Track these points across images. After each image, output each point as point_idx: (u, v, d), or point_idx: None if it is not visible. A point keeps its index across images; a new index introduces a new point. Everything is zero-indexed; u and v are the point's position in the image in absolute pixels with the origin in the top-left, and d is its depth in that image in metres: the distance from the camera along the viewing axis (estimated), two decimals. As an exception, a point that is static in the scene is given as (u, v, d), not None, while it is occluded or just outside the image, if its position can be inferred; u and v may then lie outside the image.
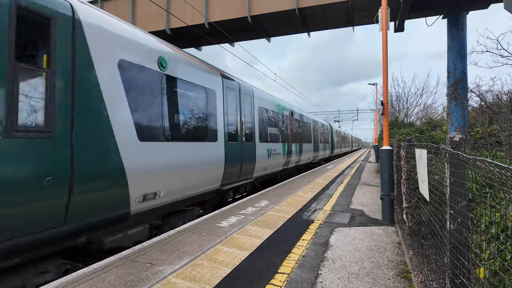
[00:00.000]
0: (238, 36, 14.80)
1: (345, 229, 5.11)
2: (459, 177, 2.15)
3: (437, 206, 2.82)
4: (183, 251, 3.86)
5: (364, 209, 6.60)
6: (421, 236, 4.26)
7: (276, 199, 7.51)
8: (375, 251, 4.10)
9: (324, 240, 4.47)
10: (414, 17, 12.34)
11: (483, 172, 1.83)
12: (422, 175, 3.41)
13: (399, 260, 3.81)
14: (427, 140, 6.59)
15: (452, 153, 2.19)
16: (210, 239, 4.36)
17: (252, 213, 6.03)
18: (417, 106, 31.56)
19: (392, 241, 4.55)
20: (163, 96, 5.22)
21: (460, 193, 2.15)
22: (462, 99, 10.99)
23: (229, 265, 3.44)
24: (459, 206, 2.17)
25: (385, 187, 5.62)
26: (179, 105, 5.71)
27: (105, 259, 3.55)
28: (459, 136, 2.24)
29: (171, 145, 5.30)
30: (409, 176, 4.85)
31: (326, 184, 10.54)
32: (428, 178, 3.12)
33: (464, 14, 11.23)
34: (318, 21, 13.56)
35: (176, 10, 13.23)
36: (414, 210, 4.68)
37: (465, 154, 2.03)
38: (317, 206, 6.83)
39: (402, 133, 6.85)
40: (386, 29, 5.87)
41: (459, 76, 11.04)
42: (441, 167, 2.76)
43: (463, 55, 11.13)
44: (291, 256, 3.79)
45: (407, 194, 4.96)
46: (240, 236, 4.50)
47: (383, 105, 5.88)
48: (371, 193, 8.81)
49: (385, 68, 5.83)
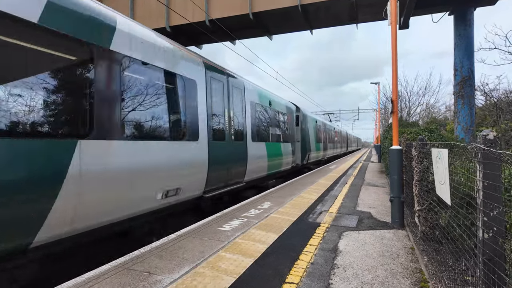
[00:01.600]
0: (239, 34, 14.54)
1: (353, 233, 4.85)
2: (495, 180, 1.90)
3: (462, 212, 2.56)
4: (183, 258, 3.61)
5: (371, 211, 6.35)
6: (435, 241, 4.01)
7: (280, 201, 7.26)
8: (388, 257, 3.85)
9: (332, 246, 4.22)
10: (420, 13, 12.08)
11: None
12: (441, 176, 3.15)
13: (414, 268, 3.56)
14: (437, 139, 6.33)
15: (486, 153, 1.93)
16: (212, 244, 4.11)
17: (255, 215, 5.78)
18: (420, 105, 31.25)
19: (404, 246, 4.30)
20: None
21: (496, 198, 1.90)
22: (469, 97, 10.72)
23: (232, 274, 3.19)
24: (494, 213, 1.92)
25: (394, 188, 5.36)
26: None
27: (99, 267, 3.30)
28: (494, 133, 1.99)
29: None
30: (422, 177, 4.60)
31: (330, 185, 10.28)
32: (449, 180, 2.87)
33: (472, 11, 10.96)
34: (321, 18, 13.30)
35: (177, 7, 12.97)
36: (428, 213, 4.43)
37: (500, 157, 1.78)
38: (323, 208, 6.57)
39: (411, 132, 6.59)
40: (396, 23, 5.61)
41: (466, 73, 10.76)
42: (467, 168, 2.50)
43: (470, 53, 10.85)
44: (299, 264, 3.54)
45: (419, 196, 4.70)
46: (244, 241, 4.25)
47: (392, 102, 5.62)
48: (376, 194, 8.56)
49: (394, 64, 5.57)
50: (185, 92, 5.73)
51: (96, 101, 3.85)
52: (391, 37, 5.64)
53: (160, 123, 5.08)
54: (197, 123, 6.00)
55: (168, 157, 5.08)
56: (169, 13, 13.25)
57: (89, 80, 3.81)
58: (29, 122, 3.18)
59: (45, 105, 3.36)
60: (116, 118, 4.13)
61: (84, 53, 3.78)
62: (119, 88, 4.25)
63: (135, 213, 4.45)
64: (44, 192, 3.16)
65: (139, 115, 4.66)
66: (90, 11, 3.87)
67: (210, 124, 6.53)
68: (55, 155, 3.29)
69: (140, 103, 4.69)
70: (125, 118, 4.34)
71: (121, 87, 4.29)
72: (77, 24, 3.66)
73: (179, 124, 5.54)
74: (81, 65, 3.78)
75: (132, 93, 4.54)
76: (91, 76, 3.84)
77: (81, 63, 3.78)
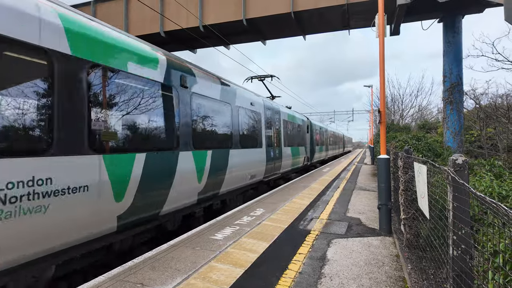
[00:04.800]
0: (233, 39, 14.68)
1: (342, 240, 5.01)
2: (462, 203, 2.06)
3: (438, 228, 2.72)
4: (175, 269, 3.73)
5: (361, 217, 6.52)
6: (419, 248, 4.18)
7: (272, 207, 7.40)
8: (373, 265, 4.01)
9: (321, 254, 4.37)
10: (409, 20, 12.34)
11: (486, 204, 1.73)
12: (421, 190, 3.32)
13: (397, 276, 3.72)
14: (424, 148, 6.53)
15: (454, 179, 2.09)
16: (204, 254, 4.23)
17: (247, 223, 5.91)
18: (412, 107, 31.71)
19: (390, 254, 4.47)
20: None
21: (463, 220, 2.06)
22: (458, 103, 10.99)
23: (223, 285, 3.32)
24: (461, 233, 2.08)
25: (382, 196, 5.54)
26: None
27: (93, 279, 3.41)
28: (462, 158, 2.15)
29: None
30: (406, 187, 4.77)
31: (322, 189, 10.46)
32: (428, 194, 3.03)
33: (460, 18, 11.23)
34: (314, 24, 13.49)
35: (171, 13, 13.06)
36: (412, 222, 4.60)
37: (468, 180, 1.94)
38: (314, 215, 6.73)
39: (399, 140, 6.78)
40: (383, 36, 5.79)
41: (455, 80, 11.04)
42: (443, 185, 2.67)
43: (459, 60, 11.13)
44: (288, 273, 3.68)
45: (404, 205, 4.88)
46: (235, 251, 4.38)
47: (380, 113, 5.80)
48: (367, 199, 8.74)
49: (382, 77, 5.75)
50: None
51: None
52: (379, 49, 5.82)
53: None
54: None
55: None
56: (163, 19, 13.33)
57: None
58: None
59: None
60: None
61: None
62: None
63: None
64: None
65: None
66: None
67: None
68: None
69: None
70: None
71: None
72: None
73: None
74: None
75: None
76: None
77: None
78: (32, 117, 3.15)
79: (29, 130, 3.14)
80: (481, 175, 4.57)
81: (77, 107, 3.59)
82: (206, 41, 13.87)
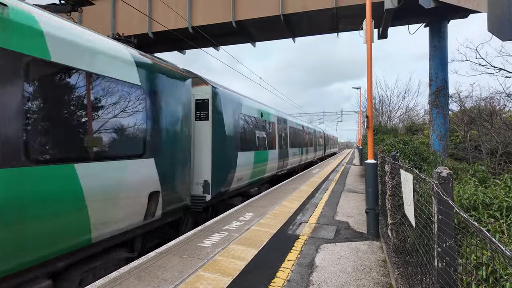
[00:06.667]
0: (222, 41, 14.61)
1: (330, 245, 5.03)
2: (447, 217, 2.08)
3: (423, 237, 2.75)
4: (162, 279, 3.67)
5: (349, 221, 6.57)
6: (406, 253, 4.24)
7: (261, 211, 7.38)
8: (361, 271, 4.03)
9: (309, 260, 4.37)
10: (397, 24, 12.53)
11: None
12: (408, 198, 3.36)
13: (384, 282, 3.75)
14: (410, 152, 6.63)
15: (439, 193, 2.11)
16: (191, 262, 4.18)
17: (236, 228, 5.87)
18: (400, 109, 32.25)
19: (378, 259, 4.51)
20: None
21: (447, 233, 2.08)
22: (443, 106, 11.22)
23: (210, 295, 3.28)
24: (446, 245, 2.10)
25: (370, 201, 5.59)
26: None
27: (77, 292, 3.32)
28: (447, 171, 2.17)
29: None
30: (393, 192, 4.83)
31: (312, 191, 10.51)
32: (414, 203, 3.07)
33: (446, 24, 11.48)
34: (303, 27, 13.56)
35: (159, 14, 12.90)
36: (399, 227, 4.66)
37: (453, 194, 1.96)
38: (303, 218, 6.75)
39: (386, 144, 6.87)
40: (371, 42, 5.85)
41: (440, 84, 11.27)
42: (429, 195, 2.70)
43: (444, 64, 11.37)
44: (276, 281, 3.66)
45: (391, 210, 4.93)
46: (223, 258, 4.34)
47: (367, 117, 5.86)
48: (355, 201, 8.83)
49: (369, 83, 5.80)
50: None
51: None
52: (367, 55, 5.87)
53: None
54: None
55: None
56: (151, 19, 13.14)
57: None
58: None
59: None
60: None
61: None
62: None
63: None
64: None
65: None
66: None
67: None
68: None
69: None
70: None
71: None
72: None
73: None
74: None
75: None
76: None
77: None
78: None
79: None
80: (466, 180, 4.67)
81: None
82: (194, 42, 13.75)
